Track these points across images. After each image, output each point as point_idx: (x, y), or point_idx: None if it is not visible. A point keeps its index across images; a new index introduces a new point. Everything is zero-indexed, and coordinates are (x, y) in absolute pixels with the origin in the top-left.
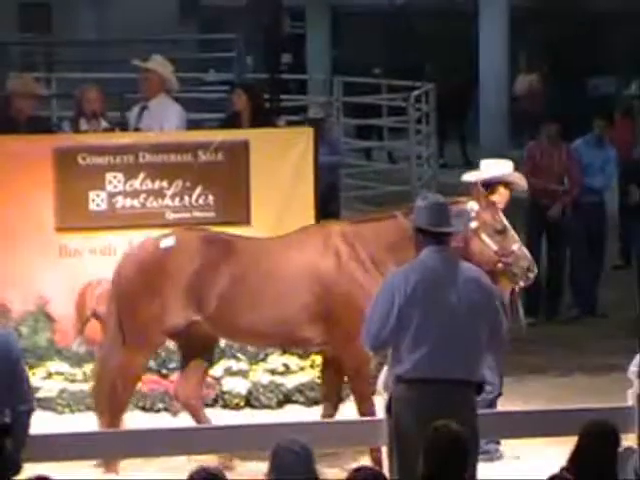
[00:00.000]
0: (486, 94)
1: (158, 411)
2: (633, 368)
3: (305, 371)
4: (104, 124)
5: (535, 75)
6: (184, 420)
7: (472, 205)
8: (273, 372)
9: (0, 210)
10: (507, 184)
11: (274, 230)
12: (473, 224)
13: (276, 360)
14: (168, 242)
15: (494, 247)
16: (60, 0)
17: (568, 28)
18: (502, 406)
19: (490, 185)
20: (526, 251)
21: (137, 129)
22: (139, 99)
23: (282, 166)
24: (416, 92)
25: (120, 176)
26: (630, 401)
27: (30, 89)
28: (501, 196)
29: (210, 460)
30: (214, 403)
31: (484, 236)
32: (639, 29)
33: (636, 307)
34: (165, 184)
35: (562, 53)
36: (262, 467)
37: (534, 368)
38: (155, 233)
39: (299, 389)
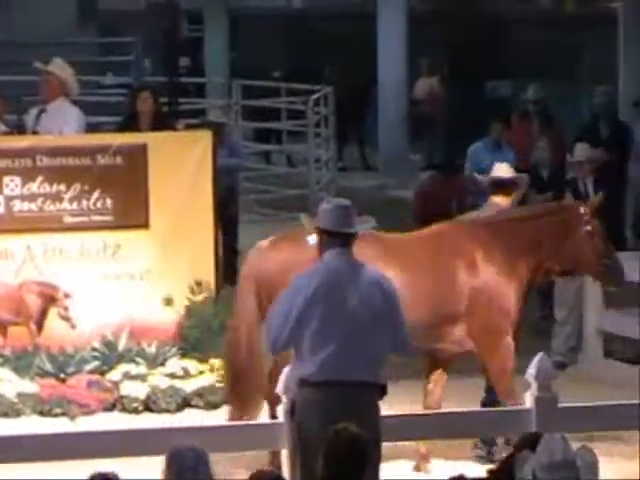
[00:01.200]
0: (385, 97)
1: (56, 416)
2: (531, 370)
3: (204, 375)
4: (2, 127)
5: (435, 78)
6: (82, 424)
7: (584, 209)
8: (172, 376)
9: None
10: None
11: (173, 233)
12: (588, 227)
13: (175, 364)
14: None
15: (603, 249)
16: None
17: (468, 31)
18: (406, 408)
19: (504, 185)
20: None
21: (35, 132)
22: (37, 102)
23: (181, 169)
24: (315, 95)
25: (17, 179)
26: (528, 404)
27: None
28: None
29: None
30: (112, 407)
31: (597, 239)
32: (537, 33)
33: (535, 310)
34: (63, 187)
35: (461, 56)
36: None
37: None
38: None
39: (199, 393)
